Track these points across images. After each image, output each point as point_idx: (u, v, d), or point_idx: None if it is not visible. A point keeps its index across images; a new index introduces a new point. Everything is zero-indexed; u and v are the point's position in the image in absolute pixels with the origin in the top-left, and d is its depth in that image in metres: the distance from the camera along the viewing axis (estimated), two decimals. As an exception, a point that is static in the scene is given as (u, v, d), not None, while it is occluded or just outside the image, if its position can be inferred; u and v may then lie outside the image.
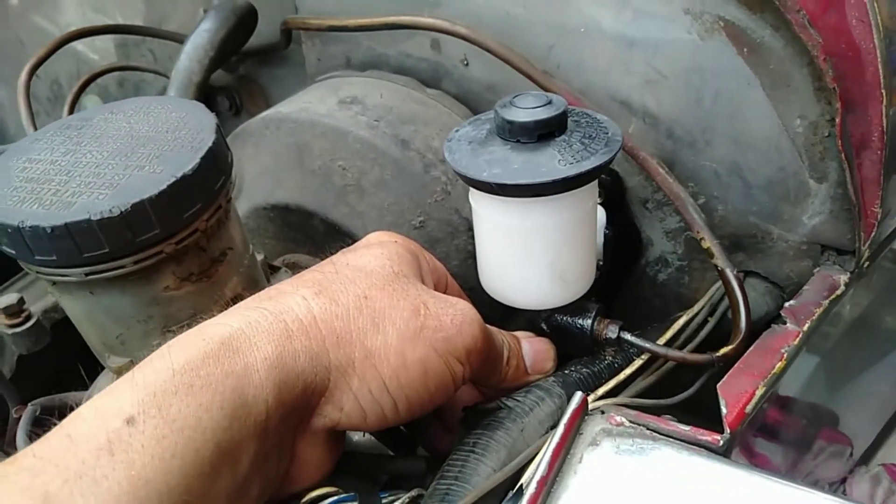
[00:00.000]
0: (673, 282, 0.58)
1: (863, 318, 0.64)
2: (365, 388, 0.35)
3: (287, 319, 0.34)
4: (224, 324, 0.33)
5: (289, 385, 0.33)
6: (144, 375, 0.30)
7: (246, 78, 0.82)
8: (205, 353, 0.31)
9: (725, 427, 0.39)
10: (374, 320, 0.36)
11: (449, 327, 0.37)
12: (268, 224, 0.57)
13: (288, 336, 0.33)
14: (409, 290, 0.38)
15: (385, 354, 0.35)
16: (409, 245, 0.42)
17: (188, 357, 0.31)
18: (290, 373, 0.33)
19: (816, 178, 0.48)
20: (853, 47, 0.43)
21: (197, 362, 0.31)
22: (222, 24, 0.65)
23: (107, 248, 0.36)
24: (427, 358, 0.36)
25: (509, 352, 0.43)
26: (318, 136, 0.54)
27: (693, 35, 0.48)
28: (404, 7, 0.59)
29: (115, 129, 0.43)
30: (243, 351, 0.32)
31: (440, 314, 0.37)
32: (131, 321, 0.41)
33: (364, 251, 0.40)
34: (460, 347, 0.37)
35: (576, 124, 0.42)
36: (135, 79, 0.92)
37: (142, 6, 0.86)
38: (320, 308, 0.35)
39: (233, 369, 0.31)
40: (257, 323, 0.33)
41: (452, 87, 0.60)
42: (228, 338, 0.32)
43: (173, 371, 0.30)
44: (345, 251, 0.42)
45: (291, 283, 0.37)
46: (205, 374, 0.30)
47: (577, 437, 0.38)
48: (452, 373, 0.37)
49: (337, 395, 0.35)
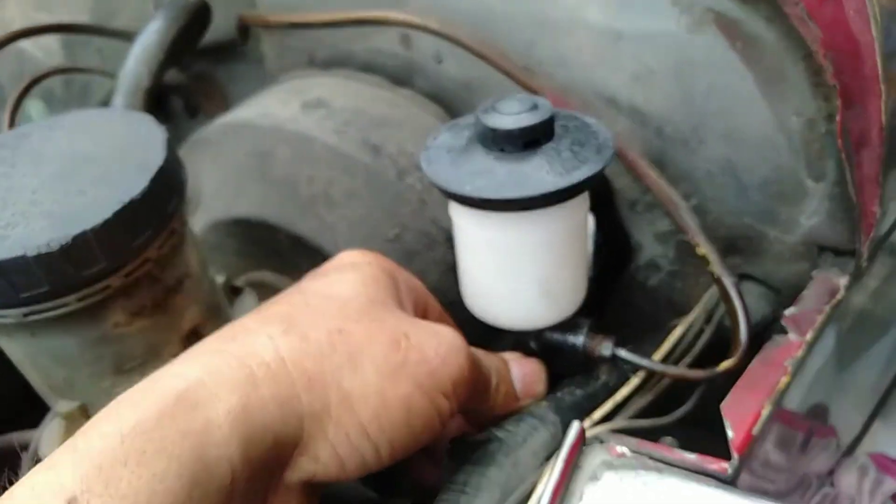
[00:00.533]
0: (664, 286, 0.56)
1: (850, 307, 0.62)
2: (342, 434, 0.31)
3: (252, 364, 0.30)
4: (179, 374, 0.29)
5: (256, 439, 0.29)
6: (89, 442, 0.26)
7: (201, 76, 0.77)
8: (158, 410, 0.27)
9: (733, 452, 0.36)
10: (350, 357, 0.32)
11: (433, 359, 0.34)
12: (228, 240, 0.53)
13: (254, 383, 0.30)
14: (387, 319, 0.34)
15: (363, 395, 0.32)
16: (384, 265, 0.39)
17: (140, 417, 0.27)
18: (257, 425, 0.29)
19: (814, 177, 0.46)
20: (851, 40, 0.41)
21: (150, 423, 0.27)
22: (173, 24, 0.60)
23: (46, 287, 0.32)
24: (410, 396, 0.33)
25: (498, 377, 0.40)
26: (281, 143, 0.50)
27: (682, 28, 0.45)
28: (371, 0, 0.55)
29: (54, 148, 0.38)
30: (203, 404, 0.28)
31: (423, 345, 0.34)
32: (79, 362, 0.37)
33: (335, 276, 0.36)
34: (446, 381, 0.34)
35: (564, 129, 0.38)
36: (82, 80, 0.86)
37: (88, 2, 0.80)
38: (289, 347, 0.31)
39: (191, 427, 0.27)
40: (218, 370, 0.29)
41: (425, 86, 0.57)
42: (185, 390, 0.28)
43: (122, 436, 0.26)
44: (314, 275, 0.38)
45: (256, 319, 0.33)
46: (158, 438, 0.26)
47: (576, 470, 0.36)
48: (438, 409, 0.34)
49: (312, 446, 0.31)
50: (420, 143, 0.51)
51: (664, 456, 0.36)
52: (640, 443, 0.37)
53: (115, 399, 0.29)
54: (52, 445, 0.42)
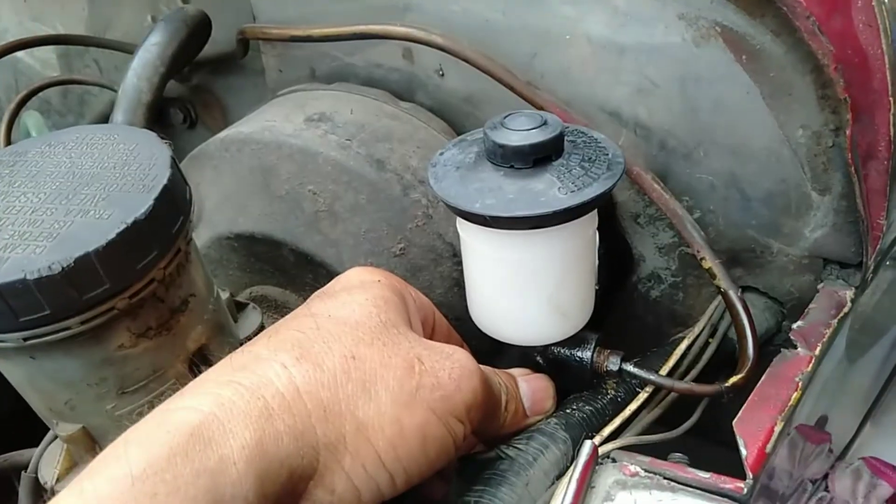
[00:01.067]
0: (667, 298, 0.55)
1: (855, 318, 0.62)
2: (358, 465, 0.31)
3: (266, 395, 0.29)
4: (191, 408, 0.28)
5: (272, 475, 0.28)
6: (96, 486, 0.25)
7: (200, 88, 0.76)
8: (170, 449, 0.26)
9: (747, 471, 0.36)
10: (364, 385, 0.32)
11: (447, 384, 0.33)
12: (231, 255, 0.52)
13: (269, 416, 0.29)
14: (400, 343, 0.34)
15: (379, 424, 0.31)
16: (393, 283, 0.38)
17: (150, 457, 0.26)
18: (272, 460, 0.28)
19: (819, 189, 0.46)
20: (860, 53, 0.41)
21: (161, 463, 0.26)
22: (173, 37, 0.59)
23: (47, 310, 0.31)
24: (426, 423, 0.32)
25: (507, 396, 0.39)
26: (284, 157, 0.50)
27: (688, 41, 0.45)
28: (372, 14, 0.54)
29: (54, 166, 0.37)
30: (216, 441, 0.27)
31: (437, 370, 0.33)
32: (81, 385, 0.36)
33: (346, 297, 0.36)
34: (460, 405, 0.34)
35: (573, 145, 0.38)
36: (79, 91, 0.86)
37: (84, 13, 0.79)
38: (303, 377, 0.31)
39: (205, 466, 0.26)
40: (231, 403, 0.29)
41: (427, 100, 0.56)
42: (198, 426, 0.27)
43: (132, 478, 0.25)
44: (323, 295, 0.37)
45: (267, 346, 0.33)
46: (171, 478, 0.26)
47: (590, 490, 0.35)
48: (453, 435, 0.34)
49: (328, 477, 0.31)
50: (425, 157, 0.51)
51: (678, 475, 0.35)
52: (653, 461, 0.36)
53: (123, 435, 0.28)
54: (52, 467, 0.41)
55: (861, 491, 0.90)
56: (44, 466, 0.40)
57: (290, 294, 0.51)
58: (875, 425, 0.92)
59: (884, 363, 0.86)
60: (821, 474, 0.87)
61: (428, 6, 0.52)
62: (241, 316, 0.47)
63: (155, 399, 0.38)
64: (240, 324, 0.46)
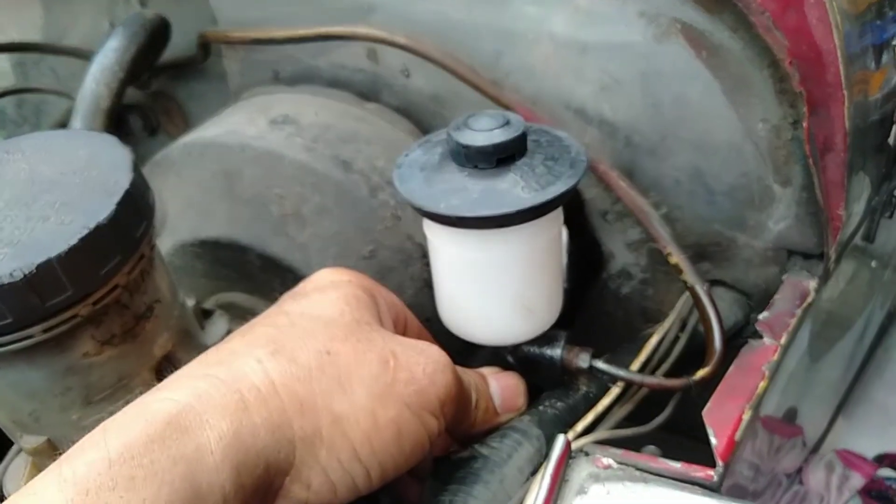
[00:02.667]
0: (637, 294, 0.56)
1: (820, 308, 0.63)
2: (334, 458, 0.31)
3: (242, 388, 0.29)
4: (169, 398, 0.28)
5: (249, 466, 0.28)
6: (74, 469, 0.25)
7: (161, 94, 0.75)
8: (147, 435, 0.26)
9: (717, 459, 0.36)
10: (339, 379, 0.32)
11: (421, 378, 0.33)
12: (196, 262, 0.51)
13: (245, 408, 0.29)
14: (374, 339, 0.34)
15: (355, 418, 0.31)
16: (364, 283, 0.38)
17: (127, 442, 0.26)
18: (249, 451, 0.28)
19: (781, 182, 0.47)
20: (814, 48, 0.42)
21: (139, 448, 0.26)
22: (131, 42, 0.58)
23: (9, 318, 0.31)
24: (400, 416, 0.32)
25: (477, 394, 0.39)
26: (248, 161, 0.49)
27: (649, 38, 0.45)
28: (335, 15, 0.54)
29: (13, 173, 0.36)
30: (194, 430, 0.27)
31: (411, 364, 0.33)
32: (45, 395, 0.35)
33: (318, 296, 0.36)
34: (434, 399, 0.34)
35: (536, 144, 0.38)
36: (35, 100, 0.84)
37: (39, 20, 0.78)
38: (279, 371, 0.31)
39: (182, 453, 0.26)
40: (208, 395, 0.29)
41: (393, 100, 0.56)
42: (176, 415, 0.27)
43: (110, 461, 0.25)
44: (294, 295, 0.37)
45: (241, 342, 0.33)
46: (148, 462, 0.26)
47: (564, 484, 0.35)
48: (428, 429, 0.34)
49: (304, 472, 0.30)
50: (391, 157, 0.50)
51: (650, 466, 0.36)
52: (625, 453, 0.37)
53: (101, 424, 0.28)
54: (18, 481, 0.40)
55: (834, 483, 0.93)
56: (9, 481, 0.39)
57: (257, 300, 0.51)
58: (847, 418, 0.94)
59: (852, 357, 0.88)
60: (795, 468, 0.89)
61: (392, 7, 0.52)
62: (207, 323, 0.46)
63: (121, 408, 0.37)
64: (207, 330, 0.45)
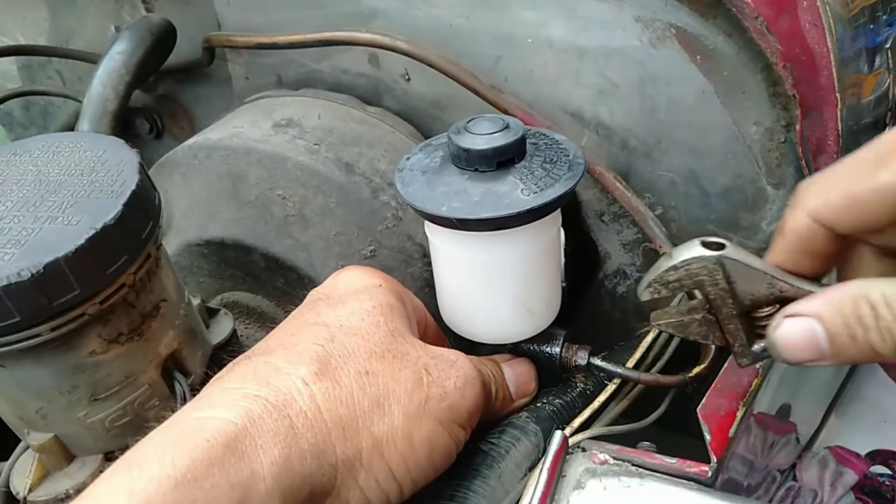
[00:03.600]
0: (632, 294, 0.57)
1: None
2: (372, 479, 0.32)
3: (291, 414, 0.30)
4: (226, 419, 0.29)
5: (295, 491, 0.29)
6: (142, 484, 0.26)
7: (166, 98, 0.76)
8: (209, 457, 0.27)
9: (711, 455, 0.37)
10: (378, 401, 0.33)
11: (453, 393, 0.35)
12: (202, 261, 0.52)
13: (294, 435, 0.30)
14: (408, 353, 0.35)
15: (392, 439, 0.33)
16: (394, 287, 0.39)
17: (191, 462, 0.27)
18: (297, 478, 0.29)
19: (774, 184, 0.47)
20: (807, 52, 0.43)
21: (201, 470, 0.27)
22: (138, 46, 0.59)
23: (18, 317, 0.32)
24: (433, 433, 0.34)
25: (496, 385, 0.41)
26: (253, 163, 0.50)
27: (645, 43, 0.46)
28: (337, 21, 0.55)
29: (20, 174, 0.37)
30: (249, 455, 0.28)
31: (443, 379, 0.35)
32: (52, 393, 0.36)
33: (354, 305, 0.36)
34: (464, 413, 0.35)
35: (535, 148, 0.39)
36: (42, 102, 0.85)
37: (45, 23, 0.79)
38: (323, 394, 0.32)
39: (239, 479, 0.27)
40: (261, 419, 0.29)
41: (394, 104, 0.57)
42: (234, 438, 0.28)
43: (176, 480, 0.26)
44: (329, 301, 0.37)
45: (287, 359, 0.33)
46: (209, 486, 0.26)
47: (561, 479, 0.36)
48: (456, 440, 0.35)
49: (343, 493, 0.32)
50: (393, 160, 0.51)
51: (645, 461, 0.36)
52: (621, 449, 0.37)
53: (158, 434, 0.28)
54: (24, 478, 0.41)
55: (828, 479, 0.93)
56: (15, 477, 0.40)
57: (261, 299, 0.52)
58: (839, 416, 0.95)
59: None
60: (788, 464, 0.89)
61: (393, 12, 0.53)
62: (212, 322, 0.47)
63: (128, 406, 0.38)
64: (212, 329, 0.46)
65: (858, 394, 0.84)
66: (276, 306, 0.51)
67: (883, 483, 0.68)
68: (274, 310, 0.51)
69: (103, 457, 0.39)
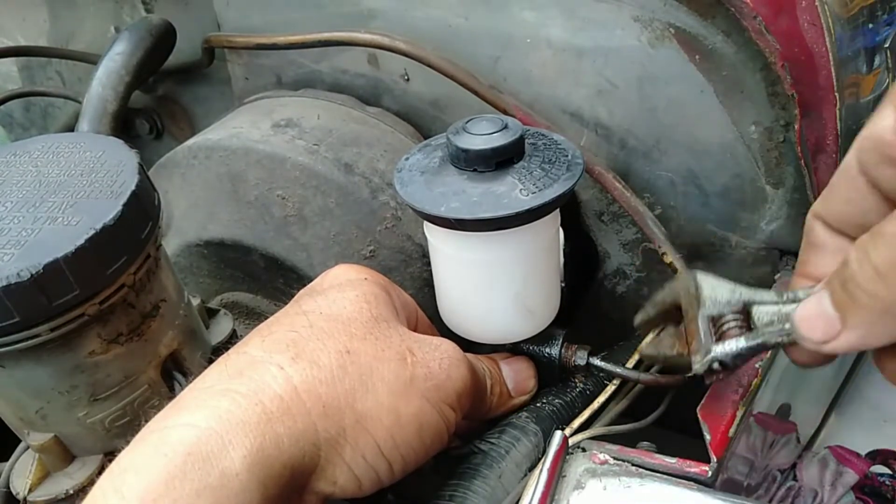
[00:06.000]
0: (632, 293, 0.57)
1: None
2: (358, 455, 0.32)
3: (264, 400, 0.30)
4: (188, 424, 0.28)
5: (274, 477, 0.29)
6: None
7: (166, 98, 0.76)
8: (168, 473, 0.26)
9: (711, 455, 0.37)
10: (361, 378, 0.32)
11: (438, 373, 0.35)
12: (201, 262, 0.52)
13: (268, 421, 0.29)
14: (391, 336, 0.35)
15: (377, 415, 0.32)
16: (379, 280, 0.39)
17: (147, 485, 0.26)
18: (274, 464, 0.29)
19: (773, 183, 0.47)
20: (806, 51, 0.43)
21: (159, 489, 0.26)
22: (137, 46, 0.59)
23: (17, 318, 0.32)
24: (421, 411, 0.34)
25: (492, 380, 0.41)
26: (252, 164, 0.50)
27: (644, 43, 0.46)
28: (337, 21, 0.55)
29: (20, 175, 0.37)
30: (215, 455, 0.27)
31: (427, 360, 0.35)
32: (52, 394, 0.36)
33: (336, 294, 0.36)
34: (451, 393, 0.35)
35: (533, 148, 0.39)
36: (42, 103, 0.85)
37: (45, 24, 0.79)
38: (301, 375, 0.31)
39: (205, 483, 0.27)
40: (229, 413, 0.29)
41: (393, 104, 0.57)
42: (195, 443, 0.27)
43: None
44: (312, 293, 0.38)
45: (262, 347, 0.33)
46: (171, 502, 0.26)
47: (561, 479, 0.36)
48: (446, 421, 0.35)
49: (329, 470, 0.31)
50: (392, 160, 0.51)
51: (645, 461, 0.36)
52: (621, 449, 0.37)
53: (119, 461, 0.28)
54: (24, 478, 0.41)
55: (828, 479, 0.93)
56: (15, 477, 0.40)
57: (261, 300, 0.52)
58: (840, 415, 0.95)
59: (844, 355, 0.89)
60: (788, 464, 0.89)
61: (392, 13, 0.53)
62: (212, 322, 0.47)
63: (127, 406, 0.38)
64: (211, 330, 0.46)
65: (858, 394, 0.84)
66: (275, 306, 0.52)
67: (883, 483, 0.68)
68: (273, 310, 0.51)
69: (103, 457, 0.39)
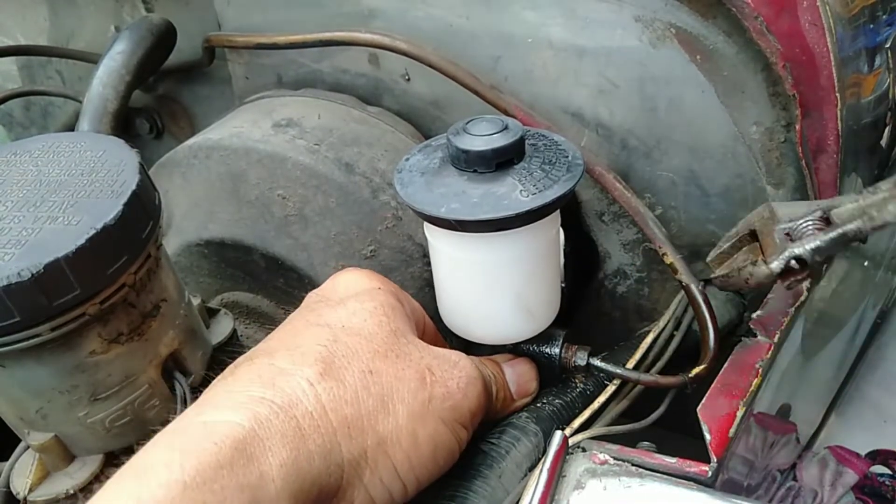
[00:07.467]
0: (632, 294, 0.57)
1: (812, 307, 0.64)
2: (376, 478, 0.33)
3: (297, 415, 0.31)
4: (233, 422, 0.29)
5: (304, 492, 0.29)
6: (150, 491, 0.26)
7: (167, 97, 0.76)
8: (218, 460, 0.27)
9: (711, 455, 0.37)
10: (382, 400, 0.33)
11: (455, 393, 0.35)
12: (202, 261, 0.52)
13: (301, 436, 0.30)
14: (411, 353, 0.35)
15: (397, 438, 0.33)
16: (391, 289, 0.39)
17: (199, 465, 0.27)
18: (306, 479, 0.29)
19: (774, 183, 0.47)
20: (807, 51, 0.43)
21: (209, 472, 0.27)
22: (138, 45, 0.59)
23: (18, 317, 0.32)
24: (436, 432, 0.34)
25: (496, 385, 0.41)
26: (253, 163, 0.50)
27: (645, 43, 0.46)
28: (337, 21, 0.55)
29: (20, 174, 0.37)
30: (258, 457, 0.28)
31: (446, 379, 0.35)
32: (52, 393, 0.36)
33: (356, 306, 0.37)
34: (466, 413, 0.36)
35: (534, 148, 0.39)
36: (42, 102, 0.85)
37: (45, 23, 0.79)
38: (328, 394, 0.32)
39: (248, 481, 0.27)
40: (268, 421, 0.30)
41: (394, 104, 0.57)
42: (242, 441, 0.28)
43: (184, 484, 0.26)
44: (329, 302, 0.38)
45: (291, 360, 0.33)
46: (219, 489, 0.26)
47: (561, 479, 0.36)
48: (459, 441, 0.36)
49: (349, 492, 0.32)
50: (393, 160, 0.51)
51: (645, 461, 0.36)
52: (621, 449, 0.37)
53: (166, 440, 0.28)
54: (24, 478, 0.41)
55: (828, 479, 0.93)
56: (15, 477, 0.40)
57: (261, 299, 0.52)
58: (839, 416, 0.95)
59: (844, 356, 0.89)
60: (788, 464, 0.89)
61: (392, 13, 0.53)
62: (213, 322, 0.47)
63: (128, 405, 0.38)
64: (212, 329, 0.46)
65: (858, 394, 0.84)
66: (275, 306, 0.52)
67: (883, 483, 0.68)
68: (274, 310, 0.51)
69: (104, 457, 0.39)
